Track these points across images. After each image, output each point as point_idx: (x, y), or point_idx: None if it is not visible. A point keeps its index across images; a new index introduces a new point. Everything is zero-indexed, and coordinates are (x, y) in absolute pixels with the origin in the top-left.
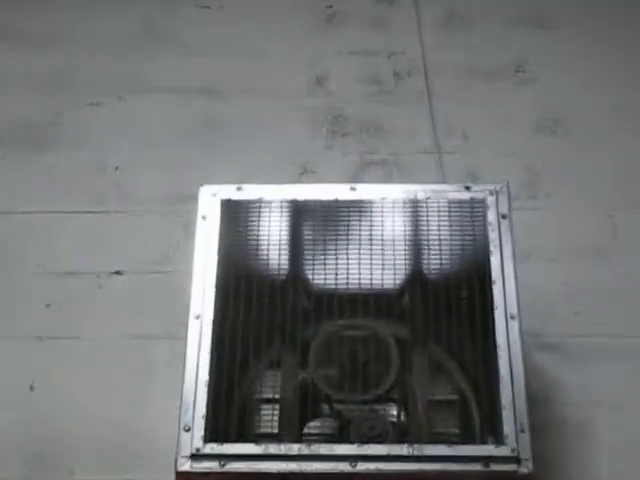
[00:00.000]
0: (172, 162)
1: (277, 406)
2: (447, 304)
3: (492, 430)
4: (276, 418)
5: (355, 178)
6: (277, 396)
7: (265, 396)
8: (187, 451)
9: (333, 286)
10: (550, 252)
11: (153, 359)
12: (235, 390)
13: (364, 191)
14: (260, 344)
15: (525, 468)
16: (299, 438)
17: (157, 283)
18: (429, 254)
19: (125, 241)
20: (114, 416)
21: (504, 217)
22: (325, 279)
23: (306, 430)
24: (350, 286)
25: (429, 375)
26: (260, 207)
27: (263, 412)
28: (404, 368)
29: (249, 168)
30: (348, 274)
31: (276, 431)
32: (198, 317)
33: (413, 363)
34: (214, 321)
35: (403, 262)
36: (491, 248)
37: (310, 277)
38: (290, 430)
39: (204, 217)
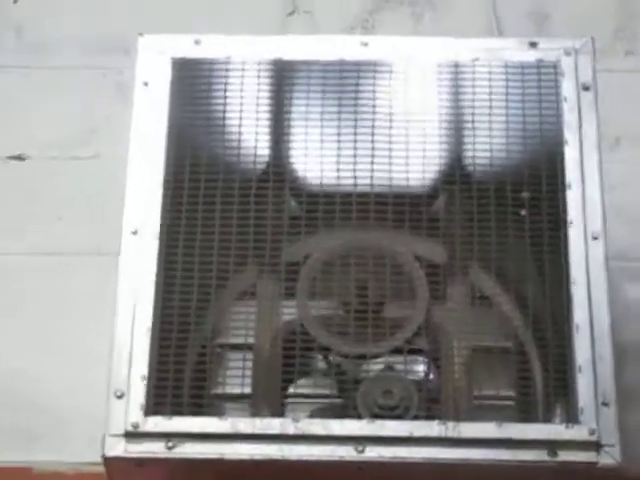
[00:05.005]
0: None
1: (250, 355)
2: (499, 213)
3: (561, 398)
4: (249, 373)
5: (367, 23)
6: (250, 341)
7: (233, 341)
8: (120, 427)
9: (333, 183)
10: None
11: (70, 286)
12: (190, 335)
13: (380, 47)
14: (227, 268)
15: (609, 458)
16: (280, 404)
17: (74, 174)
18: (474, 141)
19: (27, 111)
20: (11, 366)
21: (586, 89)
22: (322, 173)
23: (292, 390)
24: (359, 184)
25: (472, 314)
26: (228, 69)
27: (230, 364)
28: (435, 305)
29: (212, 9)
30: (355, 166)
31: (248, 391)
32: (136, 232)
33: (449, 298)
34: (160, 237)
35: (437, 151)
36: (566, 135)
37: (300, 170)
38: (268, 391)
39: (146, 84)
